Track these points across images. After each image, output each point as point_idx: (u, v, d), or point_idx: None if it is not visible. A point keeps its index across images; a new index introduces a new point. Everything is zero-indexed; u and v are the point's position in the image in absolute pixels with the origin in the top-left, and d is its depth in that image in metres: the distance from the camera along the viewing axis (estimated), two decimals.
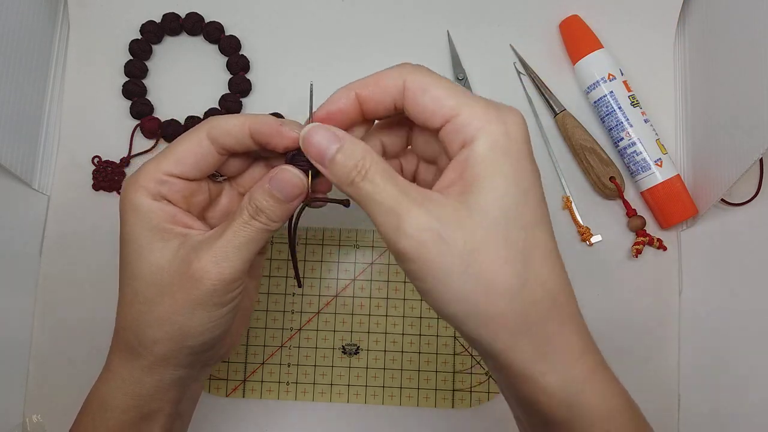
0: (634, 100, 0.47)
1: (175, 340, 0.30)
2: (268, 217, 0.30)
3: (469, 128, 0.27)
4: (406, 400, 0.46)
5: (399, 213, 0.26)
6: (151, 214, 0.30)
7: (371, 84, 0.29)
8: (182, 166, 0.31)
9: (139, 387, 0.31)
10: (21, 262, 0.46)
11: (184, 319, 0.30)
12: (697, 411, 0.46)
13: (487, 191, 0.26)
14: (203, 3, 0.50)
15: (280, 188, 0.30)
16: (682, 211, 0.46)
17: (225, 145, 0.31)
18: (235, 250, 0.30)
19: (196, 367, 0.33)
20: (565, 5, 0.50)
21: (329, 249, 0.47)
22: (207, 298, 0.29)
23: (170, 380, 0.32)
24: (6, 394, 0.44)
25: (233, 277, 0.30)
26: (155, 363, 0.31)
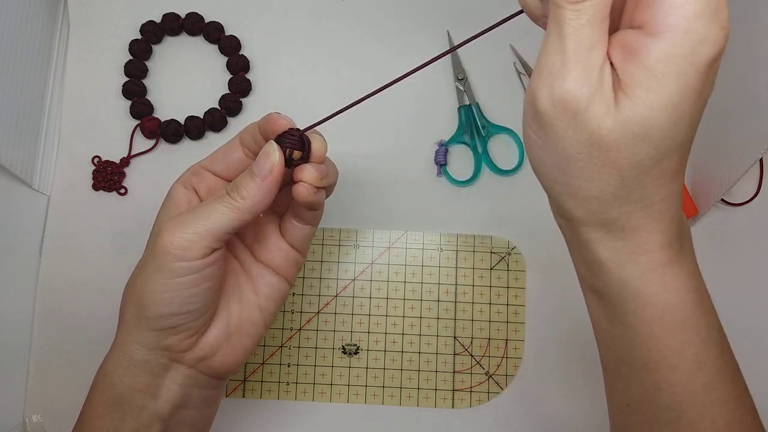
0: None
1: (134, 304, 0.32)
2: (240, 194, 0.31)
3: (660, 15, 0.22)
4: (406, 400, 0.46)
5: (565, 62, 0.24)
6: (175, 199, 0.34)
7: None
8: (215, 162, 0.35)
9: (110, 365, 0.33)
10: (21, 262, 0.46)
11: (141, 281, 0.31)
12: None
13: (640, 105, 0.23)
14: (203, 3, 0.50)
15: (257, 162, 0.31)
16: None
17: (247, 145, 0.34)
18: (194, 218, 0.31)
19: (159, 352, 0.32)
20: None
21: (329, 249, 0.47)
22: (161, 261, 0.31)
23: (138, 361, 0.32)
24: (6, 394, 0.44)
25: (184, 245, 0.30)
26: (123, 336, 0.32)
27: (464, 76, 0.49)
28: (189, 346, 0.33)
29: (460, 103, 0.49)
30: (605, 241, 0.27)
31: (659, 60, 0.22)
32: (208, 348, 0.34)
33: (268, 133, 0.33)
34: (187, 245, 0.30)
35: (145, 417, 0.32)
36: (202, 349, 0.33)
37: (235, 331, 0.35)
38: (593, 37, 0.24)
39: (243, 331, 0.35)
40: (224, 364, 0.34)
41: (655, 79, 0.23)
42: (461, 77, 0.49)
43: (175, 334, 0.32)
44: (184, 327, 0.32)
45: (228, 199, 0.31)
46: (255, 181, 0.31)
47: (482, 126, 0.48)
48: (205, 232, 0.31)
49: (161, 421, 0.33)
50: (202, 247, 0.31)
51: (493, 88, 0.50)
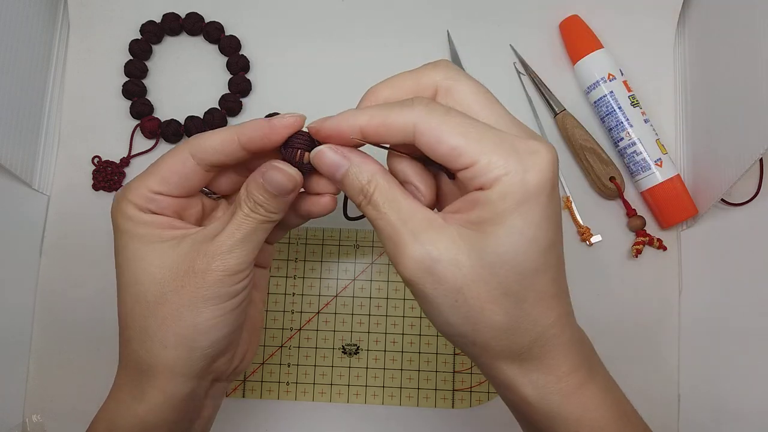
0: (634, 100, 0.47)
1: (184, 340, 0.30)
2: (267, 210, 0.30)
3: (486, 176, 0.25)
4: (406, 400, 0.46)
5: (396, 242, 0.27)
6: (146, 224, 0.30)
7: (377, 121, 0.27)
8: (167, 185, 0.31)
9: (149, 408, 0.30)
10: (21, 262, 0.46)
11: (191, 314, 0.29)
12: (697, 411, 0.46)
13: (490, 238, 0.26)
14: (203, 3, 0.50)
15: (273, 185, 0.30)
16: (682, 211, 0.46)
17: (213, 162, 0.31)
18: (238, 243, 0.30)
19: (207, 377, 0.32)
20: (565, 5, 0.50)
21: (329, 249, 0.47)
22: (213, 290, 0.29)
23: (182, 396, 0.31)
24: (6, 394, 0.44)
25: (238, 269, 0.30)
26: (167, 375, 0.30)
27: None
28: (231, 363, 0.33)
29: None
30: (520, 377, 0.28)
31: (496, 201, 0.25)
32: (240, 356, 0.34)
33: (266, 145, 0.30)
34: (242, 268, 0.30)
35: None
36: (237, 359, 0.34)
37: (253, 331, 0.35)
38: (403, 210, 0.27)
39: (256, 330, 0.36)
40: (246, 365, 0.35)
41: (498, 215, 0.25)
42: None
43: (223, 355, 0.32)
44: (231, 346, 0.32)
45: (259, 216, 0.30)
46: (279, 199, 0.30)
47: None
48: (253, 250, 0.30)
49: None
50: (250, 264, 0.30)
51: (493, 88, 0.49)
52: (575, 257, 0.48)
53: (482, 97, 0.28)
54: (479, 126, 0.26)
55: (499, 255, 0.26)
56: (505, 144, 0.26)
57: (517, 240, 0.26)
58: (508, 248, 0.26)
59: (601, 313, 0.47)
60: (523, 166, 0.25)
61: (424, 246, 0.26)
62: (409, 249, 0.27)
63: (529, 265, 0.26)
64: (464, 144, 0.26)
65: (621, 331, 0.47)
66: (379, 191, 0.28)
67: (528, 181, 0.25)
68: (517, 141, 0.26)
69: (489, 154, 0.25)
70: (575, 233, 0.48)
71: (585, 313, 0.48)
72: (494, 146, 0.26)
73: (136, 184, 0.31)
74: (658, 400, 0.46)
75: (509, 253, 0.26)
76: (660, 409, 0.46)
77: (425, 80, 0.28)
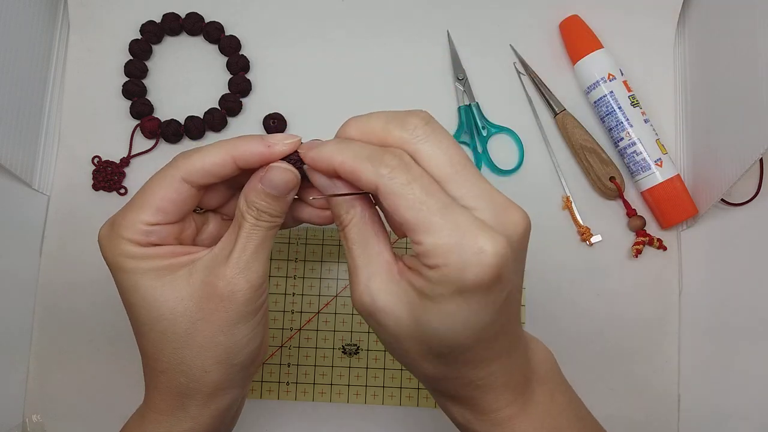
0: (634, 100, 0.47)
1: (224, 361, 0.30)
2: (271, 215, 0.30)
3: (428, 260, 0.25)
4: (406, 400, 0.46)
5: (352, 279, 0.29)
6: (149, 258, 0.30)
7: (348, 168, 0.27)
8: (164, 214, 0.30)
9: (194, 423, 0.31)
10: (21, 262, 0.46)
11: (227, 337, 0.30)
12: (697, 411, 0.46)
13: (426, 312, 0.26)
14: (203, 3, 0.50)
15: (274, 186, 0.30)
16: (682, 211, 0.46)
17: (206, 182, 0.30)
18: (253, 256, 0.30)
19: (243, 385, 0.33)
20: (565, 5, 0.50)
21: (329, 249, 0.47)
22: (243, 310, 0.30)
23: (225, 406, 0.32)
24: (6, 394, 0.44)
25: (260, 282, 0.30)
26: (211, 393, 0.31)
27: (464, 76, 0.49)
28: (259, 359, 0.34)
29: (459, 103, 0.49)
30: (450, 406, 0.31)
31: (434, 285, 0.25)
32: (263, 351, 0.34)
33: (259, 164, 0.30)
34: (261, 279, 0.30)
35: None
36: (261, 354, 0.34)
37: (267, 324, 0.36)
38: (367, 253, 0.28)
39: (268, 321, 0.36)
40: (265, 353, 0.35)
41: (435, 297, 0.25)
42: (461, 77, 0.49)
43: (258, 360, 0.33)
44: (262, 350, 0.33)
45: (264, 223, 0.30)
46: (281, 200, 0.30)
47: (482, 126, 0.48)
48: (266, 260, 0.31)
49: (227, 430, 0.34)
50: (267, 273, 0.31)
51: (493, 88, 0.50)
52: (575, 257, 0.48)
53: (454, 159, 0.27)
54: (437, 204, 0.25)
55: (431, 329, 0.26)
56: (453, 234, 0.24)
57: (448, 321, 0.26)
58: (438, 326, 0.26)
59: (601, 313, 0.47)
60: (463, 262, 0.24)
61: (371, 294, 0.28)
62: (360, 289, 0.28)
63: (461, 342, 0.27)
64: (413, 223, 0.25)
65: (621, 331, 0.47)
66: (352, 225, 0.29)
67: (465, 279, 0.24)
68: (467, 233, 0.25)
69: (434, 239, 0.25)
70: (575, 233, 0.48)
71: (585, 313, 0.48)
72: (439, 233, 0.25)
73: (128, 219, 0.30)
74: (658, 400, 0.46)
75: (440, 330, 0.26)
76: (660, 409, 0.46)
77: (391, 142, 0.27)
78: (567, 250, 0.48)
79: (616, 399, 0.46)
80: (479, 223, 0.25)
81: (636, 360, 0.46)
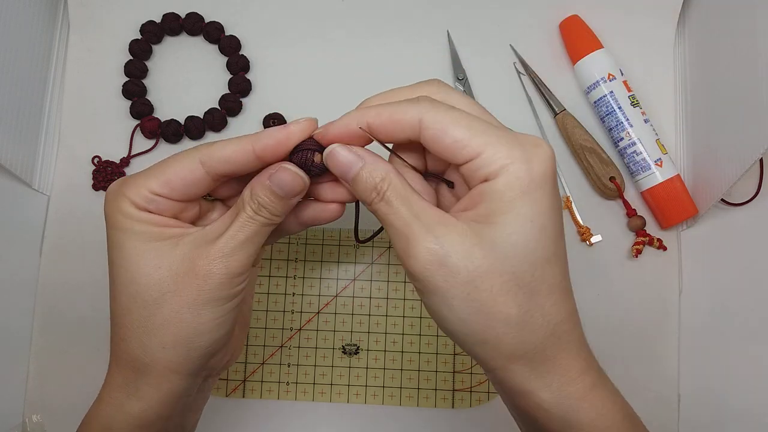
0: (634, 100, 0.47)
1: (184, 341, 0.30)
2: (270, 212, 0.30)
3: (492, 166, 0.26)
4: (406, 400, 0.46)
5: (408, 236, 0.27)
6: (143, 221, 0.30)
7: (385, 117, 0.28)
8: (170, 189, 0.30)
9: (145, 405, 0.30)
10: (21, 262, 0.46)
11: (192, 316, 0.29)
12: (697, 411, 0.46)
13: (501, 227, 0.26)
14: (203, 3, 0.50)
15: (281, 186, 0.30)
16: (682, 211, 0.46)
17: (224, 172, 0.30)
18: (240, 245, 0.30)
19: (202, 375, 0.32)
20: (565, 5, 0.50)
21: (329, 249, 0.47)
22: (215, 293, 0.29)
23: (177, 393, 0.31)
24: (6, 394, 0.44)
25: (239, 271, 0.30)
26: (164, 373, 0.30)
27: (464, 76, 0.49)
28: (224, 359, 0.33)
29: None
30: (533, 380, 0.28)
31: (504, 190, 0.26)
32: (231, 353, 0.34)
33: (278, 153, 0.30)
34: (243, 270, 0.30)
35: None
36: (228, 355, 0.34)
37: (242, 327, 0.36)
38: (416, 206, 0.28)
39: (245, 326, 0.36)
40: (234, 360, 0.35)
41: (506, 203, 0.26)
42: (461, 77, 0.49)
43: (219, 353, 0.32)
44: (227, 344, 0.32)
45: (261, 218, 0.30)
46: (285, 201, 0.30)
47: None
48: (254, 253, 0.30)
49: (183, 428, 0.34)
50: (250, 266, 0.31)
51: (493, 88, 0.50)
52: (575, 257, 0.47)
53: (476, 107, 0.29)
54: (482, 121, 0.27)
55: (511, 244, 0.26)
56: (509, 136, 0.27)
57: (527, 228, 0.26)
58: (519, 237, 0.26)
59: (601, 313, 0.47)
60: (527, 156, 0.26)
61: (438, 239, 0.27)
62: (421, 242, 0.27)
63: (541, 254, 0.27)
64: (468, 136, 0.27)
65: (621, 331, 0.47)
66: (392, 188, 0.28)
67: (533, 170, 0.26)
68: (520, 135, 0.27)
69: (493, 145, 0.26)
70: (575, 233, 0.48)
71: (585, 313, 0.48)
72: (498, 138, 0.27)
73: (137, 182, 0.30)
74: (658, 400, 0.46)
75: (520, 242, 0.26)
76: (660, 409, 0.46)
77: (420, 93, 0.29)
78: (567, 250, 0.48)
79: None
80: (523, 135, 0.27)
81: (636, 360, 0.46)
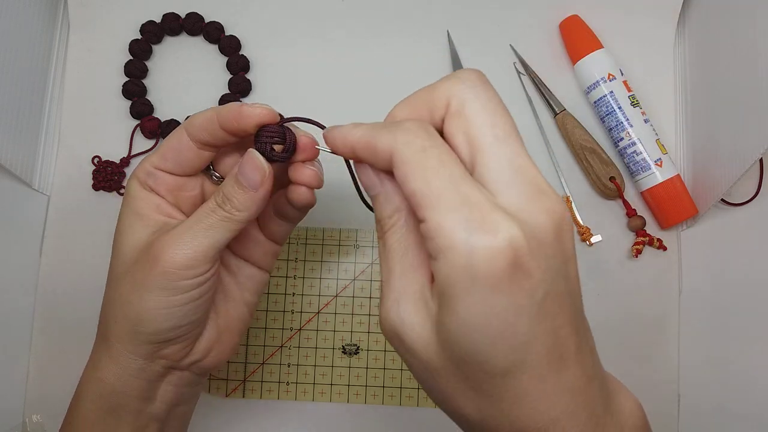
0: (634, 100, 0.47)
1: (129, 321, 0.31)
2: (234, 206, 0.30)
3: (432, 242, 0.22)
4: (406, 400, 0.46)
5: (383, 290, 0.25)
6: (138, 200, 0.32)
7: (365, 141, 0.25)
8: (165, 160, 0.32)
9: (105, 373, 0.32)
10: (21, 262, 0.46)
11: (137, 299, 0.30)
12: (697, 411, 0.46)
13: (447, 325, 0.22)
14: (203, 3, 0.50)
15: (244, 173, 0.30)
16: (682, 211, 0.46)
17: (201, 139, 0.32)
18: (193, 235, 0.30)
19: (157, 361, 0.32)
20: (565, 5, 0.50)
21: (329, 249, 0.47)
22: (157, 282, 0.29)
23: (132, 370, 0.31)
24: (6, 394, 0.44)
25: (186, 264, 0.29)
26: (115, 346, 0.31)
27: None
28: (185, 354, 0.33)
29: None
30: None
31: (442, 279, 0.21)
32: (201, 352, 0.34)
33: (237, 128, 0.30)
34: (190, 263, 0.30)
35: (142, 420, 0.33)
36: (196, 353, 0.33)
37: (224, 330, 0.35)
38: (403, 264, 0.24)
39: (232, 329, 0.35)
40: (215, 362, 0.35)
41: (448, 297, 0.21)
42: None
43: (173, 345, 0.32)
44: (182, 338, 0.32)
45: (222, 212, 0.30)
46: (248, 193, 0.30)
47: None
48: (208, 248, 0.30)
49: (157, 421, 0.33)
50: (205, 263, 0.30)
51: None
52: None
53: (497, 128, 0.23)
54: (450, 178, 0.22)
55: (459, 350, 0.22)
56: (463, 210, 0.21)
57: (472, 336, 0.21)
58: (465, 345, 0.21)
59: (601, 313, 0.47)
60: (469, 244, 0.20)
61: (400, 314, 0.24)
62: (389, 304, 0.24)
63: (497, 365, 0.21)
64: (420, 193, 0.22)
65: (621, 331, 0.47)
66: (394, 231, 0.25)
67: (474, 265, 0.20)
68: (483, 211, 0.21)
69: (440, 214, 0.21)
70: (575, 233, 0.48)
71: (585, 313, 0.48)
72: (448, 208, 0.21)
73: (146, 161, 0.33)
74: (658, 400, 0.46)
75: (468, 351, 0.21)
76: (660, 409, 0.46)
77: (438, 95, 0.25)
78: None
79: None
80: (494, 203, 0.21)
81: (636, 360, 0.46)
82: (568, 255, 0.23)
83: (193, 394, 0.36)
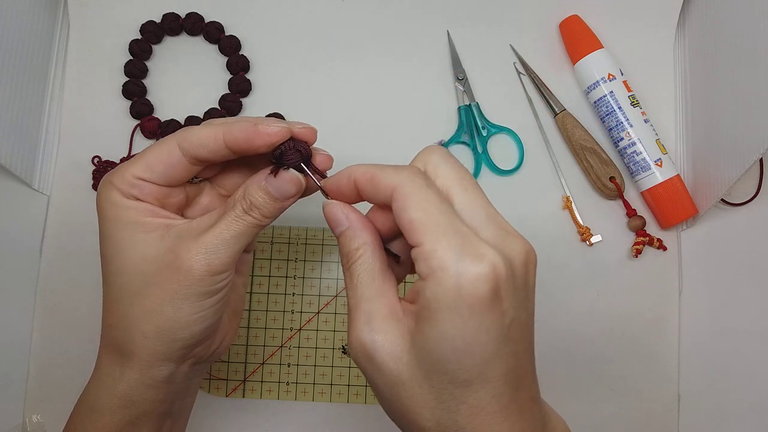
0: (634, 100, 0.47)
1: (165, 332, 0.30)
2: (262, 213, 0.30)
3: (423, 264, 0.24)
4: None
5: (351, 317, 0.27)
6: (128, 210, 0.31)
7: (368, 176, 0.28)
8: (151, 172, 0.31)
9: (128, 387, 0.31)
10: (21, 262, 0.46)
11: (173, 309, 0.30)
12: (697, 411, 0.46)
13: (425, 337, 0.25)
14: (203, 3, 0.50)
15: (278, 187, 0.30)
16: (682, 211, 0.46)
17: (199, 156, 0.30)
18: (224, 243, 0.30)
19: (186, 362, 0.32)
20: (565, 5, 0.50)
21: (329, 249, 0.47)
22: (195, 288, 0.30)
23: (161, 378, 0.31)
24: (6, 394, 0.44)
25: (221, 269, 0.30)
26: (146, 360, 0.31)
27: (464, 76, 0.49)
28: (210, 348, 0.34)
29: (459, 103, 0.49)
30: None
31: (430, 297, 0.24)
32: (219, 341, 0.34)
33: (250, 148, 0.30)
34: (224, 268, 0.30)
35: (161, 422, 0.33)
36: (215, 343, 0.34)
37: (233, 315, 0.36)
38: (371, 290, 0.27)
39: (237, 313, 0.36)
40: (226, 347, 0.35)
41: (432, 313, 0.24)
42: (461, 77, 0.49)
43: (203, 343, 0.32)
44: (211, 335, 0.33)
45: (251, 219, 0.30)
46: (278, 203, 0.30)
47: (482, 126, 0.48)
48: (237, 252, 0.31)
49: (171, 416, 0.34)
50: (233, 264, 0.31)
51: (493, 88, 0.50)
52: (575, 257, 0.48)
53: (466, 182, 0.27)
54: (445, 212, 0.25)
55: (432, 359, 0.25)
56: (456, 238, 0.24)
57: (447, 346, 0.24)
58: (439, 354, 0.24)
59: (601, 313, 0.47)
60: (459, 268, 0.24)
61: (372, 333, 0.26)
62: (357, 329, 0.27)
63: (462, 376, 0.24)
64: (419, 221, 0.25)
65: (621, 331, 0.47)
66: (360, 262, 0.28)
67: (461, 286, 0.23)
68: (472, 241, 0.24)
69: (435, 240, 0.24)
70: (575, 233, 0.48)
71: (585, 313, 0.48)
72: (443, 235, 0.24)
73: (122, 170, 0.31)
74: (658, 400, 0.46)
75: (440, 360, 0.24)
76: (660, 409, 0.46)
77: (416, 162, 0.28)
78: (567, 250, 0.48)
79: (616, 399, 0.46)
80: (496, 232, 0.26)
81: (636, 360, 0.46)
82: (530, 289, 0.26)
83: (199, 382, 0.37)
